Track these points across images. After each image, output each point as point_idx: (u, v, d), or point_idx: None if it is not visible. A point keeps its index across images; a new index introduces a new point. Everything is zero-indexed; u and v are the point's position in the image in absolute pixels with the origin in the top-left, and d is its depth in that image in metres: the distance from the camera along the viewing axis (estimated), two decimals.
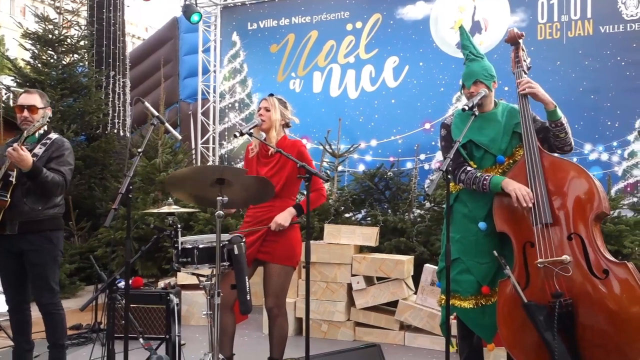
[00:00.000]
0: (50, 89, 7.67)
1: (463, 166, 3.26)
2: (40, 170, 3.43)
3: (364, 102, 8.04)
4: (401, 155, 7.42)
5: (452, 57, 7.49)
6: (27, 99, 3.61)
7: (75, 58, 8.45)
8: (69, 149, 3.68)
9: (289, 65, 8.58)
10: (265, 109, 3.57)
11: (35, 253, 3.53)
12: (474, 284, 3.29)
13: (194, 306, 5.28)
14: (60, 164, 3.57)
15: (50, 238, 3.59)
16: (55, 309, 3.62)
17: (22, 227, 3.51)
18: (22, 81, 8.34)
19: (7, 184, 3.44)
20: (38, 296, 3.60)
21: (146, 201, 6.60)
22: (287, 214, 3.43)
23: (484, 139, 3.27)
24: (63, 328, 3.67)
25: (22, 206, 3.48)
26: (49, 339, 3.67)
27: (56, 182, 3.49)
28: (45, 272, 3.57)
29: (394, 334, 4.77)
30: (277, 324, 3.50)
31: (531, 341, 3.00)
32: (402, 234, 5.69)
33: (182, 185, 3.08)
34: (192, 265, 3.06)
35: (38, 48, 8.06)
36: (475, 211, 3.29)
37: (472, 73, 3.27)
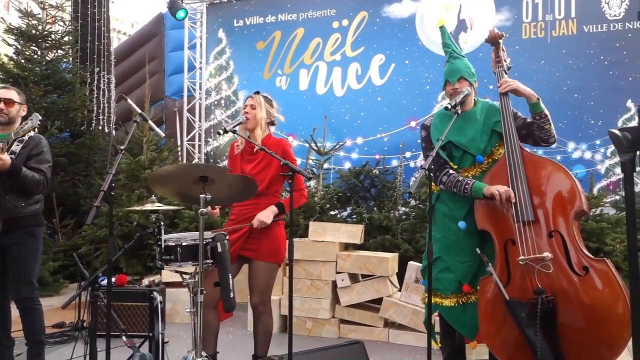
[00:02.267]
0: (34, 85, 7.59)
1: (445, 169, 3.28)
2: (20, 169, 3.45)
3: (350, 99, 8.05)
4: (387, 153, 7.43)
5: (438, 56, 7.51)
6: (4, 93, 3.66)
7: (60, 54, 8.36)
8: (47, 146, 3.71)
9: (275, 63, 8.56)
10: (251, 106, 3.56)
11: (17, 247, 3.58)
12: (455, 282, 3.31)
13: (178, 304, 5.26)
14: (40, 162, 3.60)
15: (33, 232, 3.65)
16: (33, 304, 3.64)
17: (5, 224, 3.55)
18: (4, 77, 8.23)
19: None
20: (17, 290, 3.63)
21: (131, 198, 6.56)
22: (269, 212, 3.43)
23: (463, 139, 3.29)
24: (41, 323, 3.68)
25: (5, 203, 3.52)
26: (26, 335, 3.67)
27: (36, 180, 3.52)
28: (26, 265, 3.61)
29: (379, 331, 4.79)
30: (262, 321, 3.51)
31: (512, 338, 3.03)
32: (387, 231, 5.71)
33: (165, 183, 3.07)
34: (175, 262, 3.06)
35: (21, 44, 7.97)
36: (455, 210, 3.32)
37: (456, 70, 3.29)
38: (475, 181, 3.18)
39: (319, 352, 3.16)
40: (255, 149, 3.53)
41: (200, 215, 2.94)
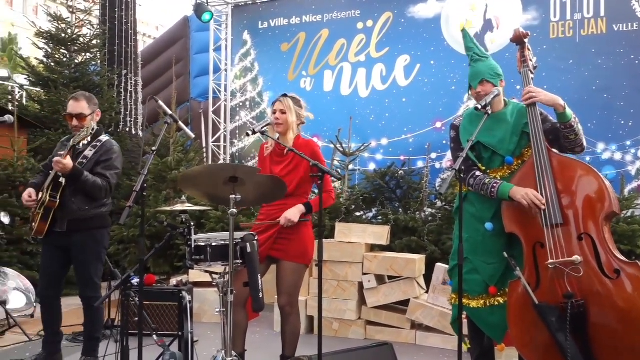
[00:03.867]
0: (63, 87, 7.73)
1: (472, 170, 3.26)
2: (81, 173, 3.58)
3: (375, 100, 8.04)
4: (412, 154, 7.41)
5: (463, 56, 7.33)
6: (74, 107, 3.77)
7: (88, 57, 8.49)
8: (117, 153, 3.83)
9: (299, 64, 8.59)
10: (281, 111, 3.56)
11: (80, 249, 3.75)
12: (482, 284, 3.29)
13: (206, 303, 5.31)
14: (106, 168, 3.74)
15: (95, 236, 3.80)
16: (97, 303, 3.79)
17: (70, 225, 3.72)
18: (35, 80, 8.41)
19: (57, 185, 3.63)
20: (82, 290, 3.81)
21: (158, 199, 6.64)
22: (296, 211, 3.44)
23: (492, 140, 3.26)
24: (100, 321, 3.92)
25: (71, 206, 3.68)
26: (85, 330, 3.88)
27: (98, 185, 3.66)
28: (89, 267, 3.78)
29: (406, 333, 4.78)
30: (290, 322, 3.52)
31: (542, 341, 3.00)
32: (413, 233, 5.69)
33: (195, 183, 3.10)
34: (205, 262, 3.09)
35: (51, 47, 8.11)
36: (483, 212, 3.30)
37: (477, 73, 3.27)
38: (502, 183, 3.16)
39: (348, 353, 3.17)
40: (285, 151, 3.55)
41: (230, 215, 2.96)
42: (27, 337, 4.74)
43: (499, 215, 3.22)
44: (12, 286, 5.40)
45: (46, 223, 3.69)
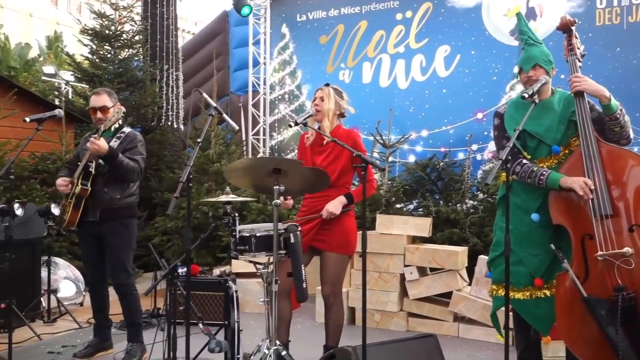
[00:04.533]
0: (108, 82, 7.91)
1: (518, 158, 3.21)
2: (117, 154, 3.74)
3: (415, 92, 7.96)
4: (453, 146, 7.31)
5: (505, 45, 7.33)
6: (97, 101, 3.93)
7: (131, 52, 8.68)
8: (141, 141, 4.01)
9: (338, 56, 8.57)
10: (320, 98, 3.59)
11: (113, 237, 3.89)
12: (527, 276, 3.25)
13: (248, 294, 5.38)
14: (134, 153, 3.90)
15: (126, 224, 3.95)
16: (129, 290, 3.98)
17: (102, 214, 3.87)
18: (81, 76, 8.64)
19: (88, 174, 3.79)
20: (114, 277, 3.95)
21: (200, 191, 6.75)
22: (338, 202, 3.45)
23: (539, 128, 3.20)
24: (138, 307, 4.03)
25: (102, 195, 3.83)
26: (125, 318, 4.05)
27: (131, 167, 3.81)
28: (121, 254, 3.92)
29: (448, 325, 4.75)
30: (333, 312, 3.54)
31: (591, 335, 2.94)
32: (455, 225, 5.63)
33: (240, 175, 3.16)
34: (249, 253, 3.14)
35: (96, 43, 8.31)
36: (528, 202, 3.24)
37: (531, 57, 3.20)
38: (552, 172, 3.09)
39: (392, 344, 3.16)
40: (325, 141, 3.56)
41: (274, 206, 2.99)
42: (77, 324, 4.91)
43: (546, 206, 3.16)
44: (62, 275, 5.60)
45: (78, 212, 3.84)
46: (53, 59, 18.19)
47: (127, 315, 4.04)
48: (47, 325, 4.96)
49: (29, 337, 4.50)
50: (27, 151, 5.97)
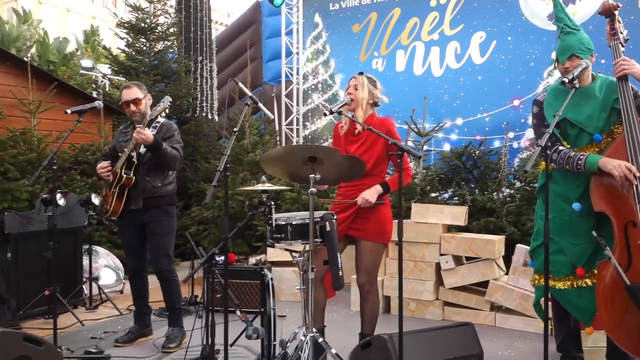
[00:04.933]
0: (144, 75, 8.04)
1: (555, 145, 3.14)
2: (161, 143, 3.84)
3: (449, 79, 7.86)
4: (488, 134, 7.20)
5: (542, 30, 7.16)
6: (128, 94, 4.02)
7: (166, 45, 8.79)
8: (177, 130, 4.11)
9: (371, 45, 8.52)
10: (354, 87, 3.58)
11: (155, 224, 4.00)
12: (568, 265, 3.20)
13: (283, 282, 5.42)
14: (172, 142, 3.99)
15: (167, 211, 4.06)
16: (172, 276, 4.08)
17: (145, 203, 3.98)
18: (117, 68, 8.80)
19: (131, 164, 3.91)
20: (156, 264, 4.05)
21: (235, 181, 6.81)
22: (374, 191, 3.43)
23: (580, 116, 3.13)
24: (178, 293, 4.14)
25: (145, 183, 3.95)
26: (167, 303, 4.16)
27: (174, 155, 3.92)
28: (164, 241, 4.03)
29: (485, 315, 4.70)
30: (369, 301, 3.54)
31: (634, 324, 2.89)
32: (491, 214, 5.56)
33: (276, 163, 3.16)
34: (285, 241, 3.15)
35: (131, 36, 8.44)
36: (569, 191, 3.19)
37: (567, 47, 3.12)
38: (589, 154, 3.03)
39: (429, 332, 3.15)
40: (357, 130, 3.55)
41: (309, 194, 3.00)
42: (118, 311, 5.03)
43: (587, 195, 3.10)
44: (103, 263, 5.74)
45: (121, 201, 3.95)
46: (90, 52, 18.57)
47: (168, 300, 4.15)
48: (89, 312, 5.10)
49: (72, 323, 4.64)
50: (68, 143, 6.11)
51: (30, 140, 6.29)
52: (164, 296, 4.17)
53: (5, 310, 4.55)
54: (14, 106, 6.41)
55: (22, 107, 6.43)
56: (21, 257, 4.79)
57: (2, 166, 5.76)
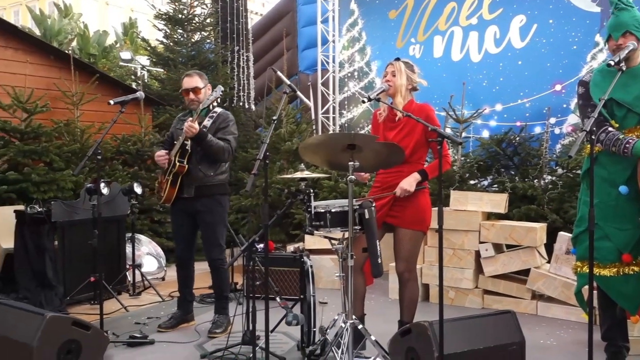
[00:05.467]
0: (182, 65, 8.14)
1: (603, 126, 3.06)
2: (205, 135, 3.90)
3: (488, 65, 7.70)
4: (529, 120, 7.04)
5: (586, 12, 6.94)
6: (189, 82, 4.10)
7: (203, 35, 8.87)
8: (233, 120, 4.17)
9: (408, 31, 8.41)
10: (392, 73, 3.55)
11: (207, 214, 4.06)
12: (614, 252, 3.12)
13: (321, 270, 5.45)
14: (226, 133, 4.05)
15: (219, 201, 4.12)
16: (222, 264, 4.16)
17: (197, 191, 4.05)
18: (156, 60, 8.93)
19: (184, 152, 3.98)
20: (208, 252, 4.14)
21: (273, 170, 6.86)
22: (412, 180, 3.41)
23: (628, 97, 3.04)
24: (227, 281, 4.25)
25: (197, 172, 4.02)
26: (215, 291, 4.26)
27: (221, 146, 3.97)
28: (215, 230, 4.09)
29: (526, 303, 4.63)
30: (408, 288, 3.53)
31: None
32: (532, 201, 5.46)
33: (315, 151, 3.17)
34: (324, 228, 3.16)
35: (169, 28, 8.54)
36: (615, 175, 3.10)
37: (621, 23, 3.02)
38: (638, 140, 2.94)
39: (469, 320, 3.12)
40: (398, 117, 3.52)
41: (349, 182, 3.00)
42: (160, 297, 5.15)
43: (634, 178, 3.02)
44: (145, 251, 5.87)
45: (175, 189, 4.01)
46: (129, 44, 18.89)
47: (216, 288, 4.23)
48: (133, 298, 5.23)
49: (116, 309, 4.77)
50: (110, 134, 6.24)
51: (73, 132, 6.46)
52: (213, 284, 4.26)
53: (53, 296, 4.71)
54: (58, 98, 6.58)
55: (65, 99, 6.60)
56: (67, 245, 4.95)
57: (47, 157, 5.93)
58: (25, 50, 6.53)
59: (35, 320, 3.15)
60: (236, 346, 3.58)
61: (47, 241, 4.82)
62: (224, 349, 3.58)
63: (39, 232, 4.79)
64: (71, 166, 6.11)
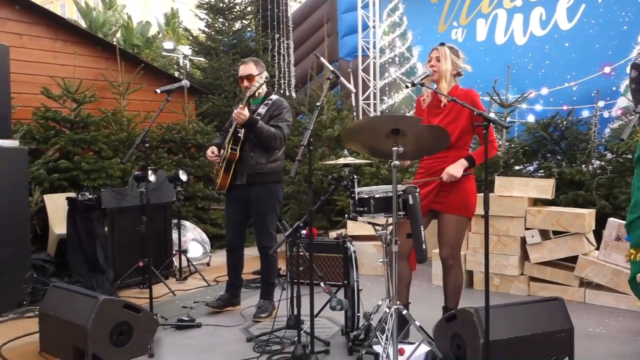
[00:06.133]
0: (223, 54, 8.23)
1: None
2: (256, 122, 3.93)
3: (533, 47, 7.50)
4: (576, 103, 6.84)
5: None
6: (244, 69, 4.16)
7: (243, 24, 8.94)
8: (287, 107, 4.17)
9: (450, 15, 8.26)
10: (436, 58, 3.50)
11: (259, 201, 4.11)
12: None
13: (363, 256, 5.45)
14: (279, 120, 4.07)
15: (272, 189, 4.15)
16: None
17: (249, 179, 4.10)
18: (198, 49, 9.04)
19: (237, 139, 4.03)
20: (259, 240, 4.20)
21: (314, 157, 6.88)
22: (459, 165, 3.37)
23: None
24: (275, 268, 4.29)
25: (250, 160, 4.06)
26: (263, 277, 4.30)
27: (272, 133, 3.99)
28: (266, 218, 4.14)
29: (573, 291, 4.54)
30: (452, 274, 3.51)
31: None
32: (580, 186, 5.33)
33: (357, 137, 3.15)
34: (368, 214, 3.16)
35: (211, 17, 8.64)
36: None
37: None
38: None
39: (516, 306, 3.09)
40: (443, 102, 3.48)
41: (393, 167, 2.98)
42: (206, 282, 5.26)
43: None
44: (190, 237, 6.00)
45: (228, 176, 4.08)
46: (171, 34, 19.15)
47: (264, 274, 4.28)
48: (179, 283, 5.36)
49: (164, 293, 4.89)
50: (155, 122, 6.37)
51: (120, 121, 6.62)
52: (261, 270, 4.31)
53: (104, 280, 4.87)
54: (105, 88, 6.75)
55: (112, 89, 6.77)
56: (117, 231, 5.10)
57: (96, 145, 6.10)
58: (73, 42, 6.71)
59: (89, 303, 3.27)
60: (281, 330, 3.63)
61: (98, 227, 4.99)
62: (269, 332, 3.63)
63: (89, 219, 4.96)
64: (118, 154, 6.27)
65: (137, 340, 3.40)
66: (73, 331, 3.25)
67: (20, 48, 6.06)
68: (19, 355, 3.48)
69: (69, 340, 3.29)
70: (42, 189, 5.52)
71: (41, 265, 5.04)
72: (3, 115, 4.60)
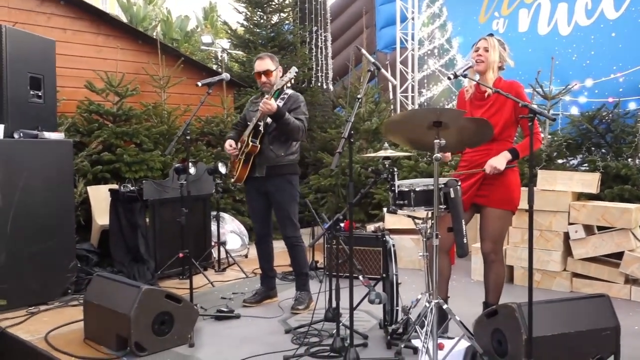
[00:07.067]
0: (262, 47, 8.25)
1: None
2: (284, 113, 3.96)
3: (578, 38, 7.31)
4: (622, 95, 6.65)
5: None
6: (260, 65, 4.18)
7: (281, 17, 8.95)
8: (303, 101, 4.22)
9: (491, 5, 8.10)
10: (484, 49, 3.44)
11: (278, 193, 4.15)
12: None
13: (401, 250, 5.40)
14: (298, 113, 4.11)
15: (290, 180, 4.18)
16: (297, 242, 4.24)
17: (268, 171, 4.15)
18: (236, 42, 9.09)
19: (257, 132, 4.08)
20: (283, 230, 4.23)
21: (352, 150, 6.85)
22: (502, 158, 3.31)
23: None
24: (304, 258, 4.30)
25: (269, 152, 4.11)
26: (294, 268, 4.34)
27: (297, 125, 4.03)
28: (288, 209, 4.17)
29: (618, 288, 4.42)
30: (494, 269, 3.45)
31: None
32: (626, 181, 5.17)
33: (398, 129, 3.11)
34: (408, 207, 3.13)
35: (249, 10, 8.67)
36: None
37: None
38: None
39: (560, 302, 3.01)
40: (487, 93, 3.42)
41: (434, 160, 2.94)
42: (244, 273, 5.32)
43: None
44: (229, 229, 6.06)
45: (247, 168, 4.12)
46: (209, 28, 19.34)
47: (295, 265, 4.31)
48: (218, 274, 5.42)
49: (203, 284, 4.96)
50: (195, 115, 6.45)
51: (161, 114, 6.72)
52: (292, 261, 4.34)
53: (145, 270, 4.97)
54: (146, 82, 6.86)
55: (153, 83, 6.87)
56: (158, 222, 5.18)
57: (137, 138, 6.21)
58: (115, 37, 6.83)
59: (132, 293, 3.34)
60: (319, 322, 3.64)
61: (139, 218, 5.08)
62: (308, 324, 3.64)
63: (131, 210, 5.06)
64: (159, 147, 6.36)
65: (178, 330, 3.46)
66: (116, 320, 3.32)
67: (64, 43, 6.21)
68: (64, 342, 3.58)
69: (112, 329, 3.37)
70: (85, 180, 5.66)
71: (85, 255, 5.16)
72: (50, 109, 4.73)
